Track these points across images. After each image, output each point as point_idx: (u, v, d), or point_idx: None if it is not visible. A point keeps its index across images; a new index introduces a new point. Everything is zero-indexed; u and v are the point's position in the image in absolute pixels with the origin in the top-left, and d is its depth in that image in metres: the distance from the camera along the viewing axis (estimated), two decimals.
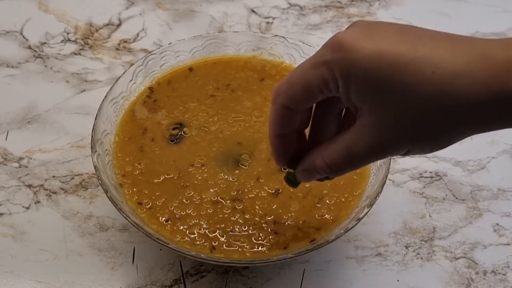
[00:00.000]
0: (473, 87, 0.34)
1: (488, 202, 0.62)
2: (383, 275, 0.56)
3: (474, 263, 0.58)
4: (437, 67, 0.34)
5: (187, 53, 0.63)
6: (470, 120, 0.36)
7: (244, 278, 0.55)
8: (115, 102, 0.58)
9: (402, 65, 0.35)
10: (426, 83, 0.35)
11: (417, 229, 0.60)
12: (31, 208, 0.59)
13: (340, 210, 0.54)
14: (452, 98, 0.35)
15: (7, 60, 0.72)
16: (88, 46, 0.74)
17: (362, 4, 0.80)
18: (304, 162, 0.43)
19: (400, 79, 0.35)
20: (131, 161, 0.56)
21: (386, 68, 0.35)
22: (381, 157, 0.40)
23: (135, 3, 0.79)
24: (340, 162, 0.40)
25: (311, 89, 0.39)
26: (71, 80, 0.70)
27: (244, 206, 0.54)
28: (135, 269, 0.56)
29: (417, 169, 0.64)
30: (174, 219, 0.53)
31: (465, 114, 0.35)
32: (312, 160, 0.42)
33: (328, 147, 0.41)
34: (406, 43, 0.35)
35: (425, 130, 0.36)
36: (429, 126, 0.36)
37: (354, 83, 0.36)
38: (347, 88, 0.37)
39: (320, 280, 0.56)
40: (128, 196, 0.54)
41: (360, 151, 0.39)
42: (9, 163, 0.62)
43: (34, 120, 0.66)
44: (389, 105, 0.36)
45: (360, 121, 0.38)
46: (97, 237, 0.57)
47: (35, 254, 0.56)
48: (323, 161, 0.41)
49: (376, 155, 0.39)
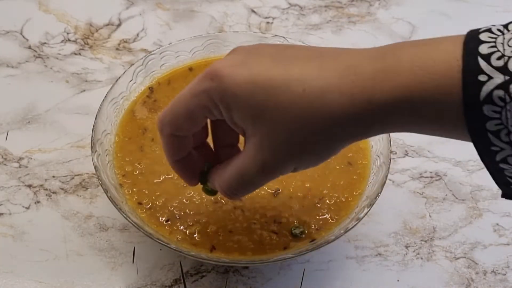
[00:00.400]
0: (341, 100, 0.36)
1: (488, 202, 0.62)
2: (383, 275, 0.56)
3: (474, 263, 0.58)
4: (306, 85, 0.36)
5: (187, 53, 0.63)
6: (346, 131, 0.37)
7: (244, 278, 0.55)
8: (115, 102, 0.58)
9: (275, 87, 0.36)
10: (298, 101, 0.36)
11: (417, 229, 0.60)
12: (31, 208, 0.59)
13: (340, 210, 0.54)
14: (323, 113, 0.36)
15: (7, 60, 0.72)
16: (88, 46, 0.74)
17: (362, 4, 0.80)
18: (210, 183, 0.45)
19: (274, 101, 0.36)
20: (131, 161, 0.56)
21: (260, 93, 0.36)
22: (272, 177, 0.40)
23: (135, 3, 0.79)
24: (234, 187, 0.41)
25: (195, 117, 0.40)
26: (71, 80, 0.70)
27: (244, 206, 0.54)
28: (135, 269, 0.56)
29: (417, 169, 0.64)
30: (174, 219, 0.53)
31: (339, 126, 0.36)
32: (213, 183, 0.44)
33: (223, 171, 0.42)
34: (278, 66, 0.37)
35: (305, 146, 0.38)
36: (308, 142, 0.37)
37: (234, 109, 0.38)
38: (229, 113, 0.38)
39: (320, 280, 0.56)
40: (128, 196, 0.54)
41: (250, 174, 0.40)
42: (9, 163, 0.62)
43: (34, 120, 0.66)
44: (269, 127, 0.37)
45: (247, 144, 0.39)
46: (97, 237, 0.57)
47: (35, 254, 0.56)
48: (220, 186, 0.42)
49: (265, 176, 0.40)
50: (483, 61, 0.32)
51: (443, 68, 0.34)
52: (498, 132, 0.33)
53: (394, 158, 0.65)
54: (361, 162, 0.57)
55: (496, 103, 0.32)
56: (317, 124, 0.37)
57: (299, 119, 0.37)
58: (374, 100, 0.35)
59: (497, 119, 0.32)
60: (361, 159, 0.57)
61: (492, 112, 0.32)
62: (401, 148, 0.66)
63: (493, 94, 0.32)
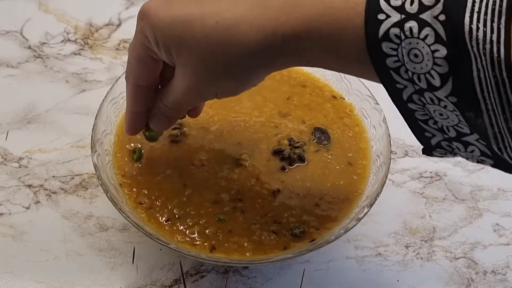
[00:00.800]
0: (251, 32, 0.39)
1: (488, 202, 0.62)
2: (383, 275, 0.56)
3: (474, 263, 0.58)
4: (219, 18, 0.40)
5: None
6: (258, 62, 0.41)
7: (244, 278, 0.55)
8: (115, 102, 0.58)
9: (190, 21, 0.40)
10: (211, 33, 0.40)
11: (417, 229, 0.60)
12: (31, 208, 0.59)
13: (340, 210, 0.54)
14: (234, 43, 0.39)
15: (7, 60, 0.72)
16: (88, 46, 0.74)
17: None
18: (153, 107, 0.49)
19: (190, 33, 0.40)
20: (131, 161, 0.56)
21: (178, 26, 0.41)
22: (200, 98, 0.47)
23: (135, 3, 0.79)
24: (173, 102, 0.47)
25: (143, 58, 0.45)
26: (71, 80, 0.70)
27: (244, 206, 0.54)
28: (135, 269, 0.56)
29: (417, 169, 0.64)
30: (174, 219, 0.53)
31: (250, 56, 0.40)
32: (157, 104, 0.49)
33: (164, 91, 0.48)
34: (197, 4, 0.41)
35: (222, 75, 0.42)
36: (224, 71, 0.42)
37: (160, 43, 0.42)
38: (158, 47, 0.43)
39: (320, 280, 0.56)
40: (128, 196, 0.54)
41: (180, 94, 0.45)
42: (9, 163, 0.62)
43: (34, 120, 0.66)
44: (189, 57, 0.42)
45: (175, 72, 0.45)
46: (97, 237, 0.57)
47: (35, 254, 0.56)
48: (162, 102, 0.48)
49: (193, 97, 0.46)
50: (383, 1, 0.34)
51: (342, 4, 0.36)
52: (398, 69, 0.35)
53: (394, 158, 0.65)
54: (361, 162, 0.57)
55: (393, 40, 0.34)
56: (229, 54, 0.40)
57: (213, 50, 0.40)
58: (279, 31, 0.38)
59: (395, 56, 0.35)
60: (361, 159, 0.57)
61: (390, 49, 0.35)
62: (401, 148, 0.66)
63: (389, 31, 0.34)
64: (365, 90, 0.60)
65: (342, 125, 0.60)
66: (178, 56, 0.42)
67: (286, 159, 0.57)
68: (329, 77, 0.63)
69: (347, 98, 0.62)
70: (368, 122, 0.59)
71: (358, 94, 0.60)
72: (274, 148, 0.57)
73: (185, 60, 0.42)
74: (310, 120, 0.60)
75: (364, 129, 0.60)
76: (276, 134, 0.59)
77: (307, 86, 0.63)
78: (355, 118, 0.60)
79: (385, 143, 0.56)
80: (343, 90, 0.62)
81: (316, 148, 0.58)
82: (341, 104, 0.61)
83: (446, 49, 0.33)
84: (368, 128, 0.59)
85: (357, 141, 0.59)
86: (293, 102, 0.61)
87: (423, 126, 0.38)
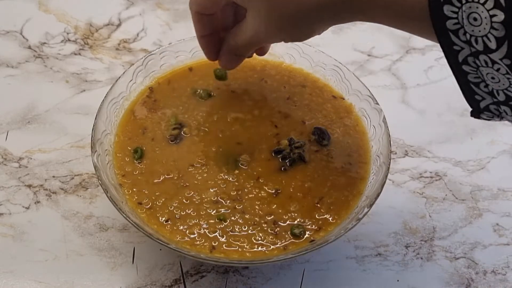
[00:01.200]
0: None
1: (488, 202, 0.62)
2: (383, 275, 0.56)
3: (474, 263, 0.58)
4: None
5: (187, 53, 0.63)
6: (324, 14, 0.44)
7: (244, 278, 0.55)
8: (115, 102, 0.58)
9: None
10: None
11: (417, 229, 0.60)
12: (31, 208, 0.59)
13: (340, 210, 0.54)
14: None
15: (7, 60, 0.72)
16: (88, 46, 0.74)
17: None
18: (224, 44, 0.54)
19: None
20: (131, 161, 0.56)
21: None
22: (268, 41, 0.53)
23: (135, 3, 0.79)
24: (243, 41, 0.51)
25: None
26: (71, 80, 0.70)
27: (244, 206, 0.54)
28: (135, 269, 0.56)
29: (417, 169, 0.64)
30: (174, 219, 0.53)
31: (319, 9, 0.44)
32: (227, 41, 0.54)
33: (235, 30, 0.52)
34: None
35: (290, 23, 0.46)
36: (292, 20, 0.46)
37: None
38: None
39: (320, 280, 0.56)
40: (128, 196, 0.54)
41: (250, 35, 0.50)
42: (9, 163, 0.62)
43: (34, 120, 0.66)
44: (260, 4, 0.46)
45: (247, 14, 0.49)
46: (97, 237, 0.57)
47: (35, 254, 0.56)
48: (233, 39, 0.53)
49: (261, 39, 0.50)
50: None
51: None
52: (457, 31, 0.37)
53: (394, 158, 0.65)
54: (361, 162, 0.57)
55: (454, 3, 0.36)
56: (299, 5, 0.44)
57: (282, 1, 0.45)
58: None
59: (455, 19, 0.37)
60: (361, 159, 0.57)
61: (450, 12, 0.36)
62: (401, 148, 0.66)
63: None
64: (365, 90, 0.60)
65: (342, 125, 0.60)
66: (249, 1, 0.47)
67: (286, 159, 0.57)
68: (329, 77, 0.63)
69: (347, 98, 0.62)
70: (368, 122, 0.59)
71: (358, 94, 0.60)
72: (274, 148, 0.57)
73: (255, 6, 0.47)
74: (310, 120, 0.60)
75: (364, 129, 0.59)
76: (276, 134, 0.59)
77: (307, 86, 0.63)
78: (355, 118, 0.60)
79: (385, 143, 0.56)
80: (343, 90, 0.62)
81: (316, 148, 0.58)
82: (341, 104, 0.61)
83: (504, 14, 0.35)
84: (368, 128, 0.59)
85: (357, 141, 0.59)
86: (293, 102, 0.61)
87: (474, 89, 0.40)
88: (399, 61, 0.75)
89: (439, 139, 0.67)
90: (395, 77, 0.73)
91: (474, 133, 0.68)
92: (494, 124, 0.68)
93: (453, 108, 0.70)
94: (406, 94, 0.72)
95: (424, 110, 0.70)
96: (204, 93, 0.61)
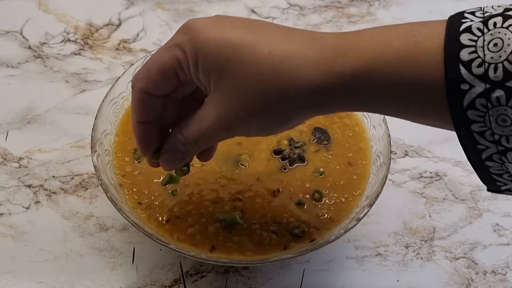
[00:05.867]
0: (306, 68, 0.37)
1: (488, 202, 0.62)
2: (383, 275, 0.56)
3: (474, 263, 0.58)
4: (272, 48, 0.38)
5: None
6: (308, 100, 0.38)
7: (244, 278, 0.55)
8: (115, 102, 0.58)
9: (241, 46, 0.38)
10: (262, 61, 0.37)
11: (417, 229, 0.60)
12: (31, 208, 0.59)
13: (340, 210, 0.54)
14: (285, 77, 0.37)
15: (7, 60, 0.72)
16: (88, 46, 0.74)
17: (362, 4, 0.80)
18: (167, 140, 0.45)
19: (240, 58, 0.38)
20: (131, 161, 0.56)
21: (227, 50, 0.38)
22: (229, 133, 0.42)
23: (135, 3, 0.79)
24: (195, 135, 0.42)
25: (166, 71, 0.41)
26: (71, 80, 0.70)
27: (244, 206, 0.54)
28: (135, 269, 0.56)
29: (417, 169, 0.64)
30: (174, 219, 0.53)
31: (303, 94, 0.37)
32: (174, 136, 0.44)
33: (185, 123, 0.43)
34: (248, 30, 0.39)
35: (264, 110, 0.39)
36: (267, 105, 0.39)
37: (201, 63, 0.39)
38: (196, 67, 0.39)
39: (320, 280, 0.56)
40: (128, 196, 0.54)
41: (208, 125, 0.41)
42: (9, 163, 0.62)
43: (34, 120, 0.66)
44: (230, 84, 0.39)
45: (208, 98, 0.41)
46: (97, 237, 0.57)
47: (35, 254, 0.56)
48: (181, 134, 0.43)
49: (221, 131, 0.41)
50: (464, 69, 0.33)
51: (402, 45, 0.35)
52: (483, 133, 0.34)
53: (394, 158, 0.65)
54: (361, 162, 0.57)
55: (479, 109, 0.33)
56: (278, 88, 0.38)
57: (260, 80, 0.38)
58: (336, 70, 0.37)
59: (481, 122, 0.34)
60: (361, 159, 0.57)
61: (476, 116, 0.34)
62: (401, 148, 0.66)
63: (475, 101, 0.33)
64: None
65: (342, 125, 0.60)
66: (218, 82, 0.39)
67: (286, 159, 0.57)
68: None
69: None
70: (368, 122, 0.59)
71: None
72: (274, 148, 0.57)
73: (225, 88, 0.39)
74: (310, 120, 0.60)
75: (364, 129, 0.59)
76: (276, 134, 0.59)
77: None
78: (355, 118, 0.60)
79: (385, 143, 0.56)
80: None
81: (316, 148, 0.58)
82: None
83: None
84: (368, 128, 0.59)
85: (357, 141, 0.59)
86: None
87: (496, 178, 0.37)
88: None
89: (439, 139, 0.67)
90: None
91: None
92: None
93: None
94: None
95: None
96: None
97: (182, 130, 0.43)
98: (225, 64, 0.38)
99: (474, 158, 0.36)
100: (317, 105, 0.38)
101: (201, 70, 0.39)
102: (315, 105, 0.38)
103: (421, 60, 0.35)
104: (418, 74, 0.35)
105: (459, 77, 0.33)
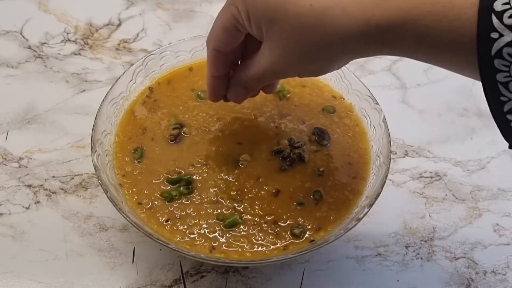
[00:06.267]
0: (344, 18, 0.40)
1: (488, 202, 0.62)
2: (383, 275, 0.56)
3: (474, 263, 0.58)
4: (313, 1, 0.41)
5: (187, 53, 0.63)
6: (347, 48, 0.42)
7: (244, 278, 0.55)
8: (115, 102, 0.58)
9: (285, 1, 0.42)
10: (304, 13, 0.41)
11: (417, 229, 0.60)
12: (31, 208, 0.59)
13: (340, 210, 0.54)
14: (326, 27, 0.41)
15: (7, 60, 0.72)
16: (88, 46, 0.74)
17: None
18: (233, 77, 0.52)
19: (284, 11, 0.42)
20: (131, 161, 0.56)
21: (273, 5, 0.42)
22: (281, 76, 0.49)
23: (135, 3, 0.79)
24: (254, 75, 0.48)
25: (229, 28, 0.47)
26: (71, 80, 0.70)
27: (244, 206, 0.54)
28: (135, 269, 0.56)
29: (417, 169, 0.64)
30: (174, 219, 0.53)
31: (342, 43, 0.41)
32: (238, 75, 0.51)
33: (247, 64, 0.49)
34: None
35: (310, 56, 0.43)
36: (312, 52, 0.43)
37: (252, 17, 0.44)
38: (249, 21, 0.45)
39: (320, 280, 0.56)
40: (128, 196, 0.54)
41: (264, 68, 0.47)
42: (9, 163, 0.62)
43: (34, 120, 0.66)
44: (278, 34, 0.43)
45: (263, 45, 0.46)
46: (97, 237, 0.57)
47: (35, 254, 0.56)
48: (244, 73, 0.50)
49: (274, 73, 0.47)
50: (496, 18, 0.35)
51: None
52: (507, 84, 0.36)
53: (394, 158, 0.65)
54: (361, 162, 0.57)
55: (506, 58, 0.35)
56: (320, 38, 0.42)
57: (305, 32, 0.42)
58: (373, 21, 0.40)
59: (506, 72, 0.36)
60: (361, 159, 0.57)
61: (502, 65, 0.36)
62: (401, 148, 0.66)
63: (503, 50, 0.35)
64: (365, 90, 0.60)
65: (342, 125, 0.60)
66: (268, 32, 0.44)
67: (286, 159, 0.57)
68: (329, 77, 0.63)
69: (347, 98, 0.62)
70: (368, 122, 0.59)
71: (358, 94, 0.60)
72: (274, 148, 0.57)
73: (274, 38, 0.44)
74: (310, 120, 0.60)
75: (364, 129, 0.59)
76: (276, 134, 0.59)
77: (307, 86, 0.63)
78: (355, 118, 0.60)
79: (385, 143, 0.56)
80: (343, 90, 0.62)
81: (316, 148, 0.58)
82: (341, 104, 0.61)
83: None
84: (368, 128, 0.59)
85: (357, 141, 0.59)
86: (293, 102, 0.61)
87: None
88: (399, 61, 0.75)
89: (439, 139, 0.67)
90: (395, 77, 0.73)
91: (474, 133, 0.68)
92: (494, 124, 0.68)
93: (453, 108, 0.70)
94: (406, 94, 0.72)
95: (424, 110, 0.70)
96: (204, 93, 0.61)
97: (244, 69, 0.49)
98: (272, 17, 0.43)
99: (497, 111, 0.38)
100: (355, 51, 0.42)
101: (253, 23, 0.44)
102: (354, 51, 0.42)
103: (454, 13, 0.37)
104: (451, 27, 0.37)
105: (491, 26, 0.35)
